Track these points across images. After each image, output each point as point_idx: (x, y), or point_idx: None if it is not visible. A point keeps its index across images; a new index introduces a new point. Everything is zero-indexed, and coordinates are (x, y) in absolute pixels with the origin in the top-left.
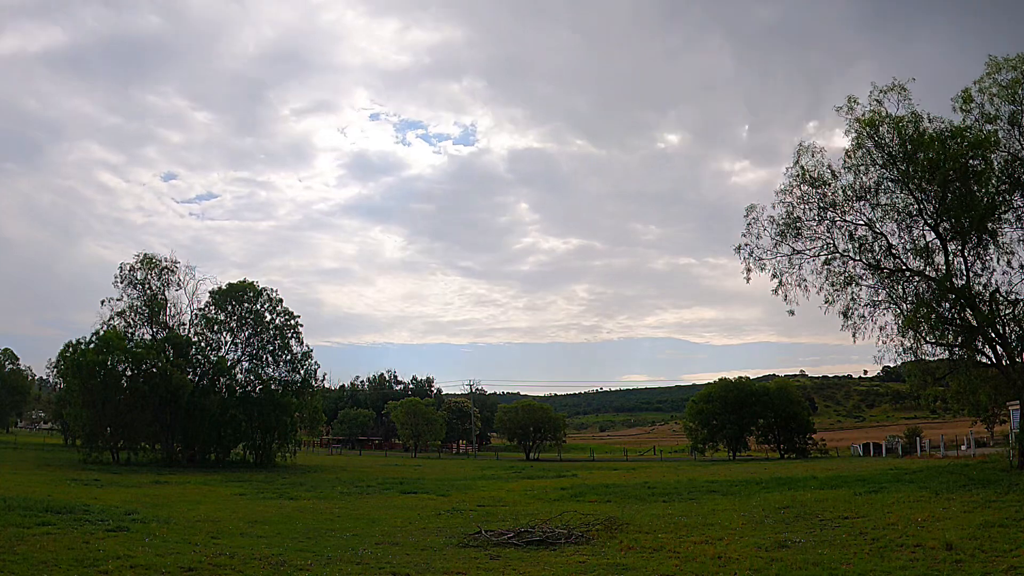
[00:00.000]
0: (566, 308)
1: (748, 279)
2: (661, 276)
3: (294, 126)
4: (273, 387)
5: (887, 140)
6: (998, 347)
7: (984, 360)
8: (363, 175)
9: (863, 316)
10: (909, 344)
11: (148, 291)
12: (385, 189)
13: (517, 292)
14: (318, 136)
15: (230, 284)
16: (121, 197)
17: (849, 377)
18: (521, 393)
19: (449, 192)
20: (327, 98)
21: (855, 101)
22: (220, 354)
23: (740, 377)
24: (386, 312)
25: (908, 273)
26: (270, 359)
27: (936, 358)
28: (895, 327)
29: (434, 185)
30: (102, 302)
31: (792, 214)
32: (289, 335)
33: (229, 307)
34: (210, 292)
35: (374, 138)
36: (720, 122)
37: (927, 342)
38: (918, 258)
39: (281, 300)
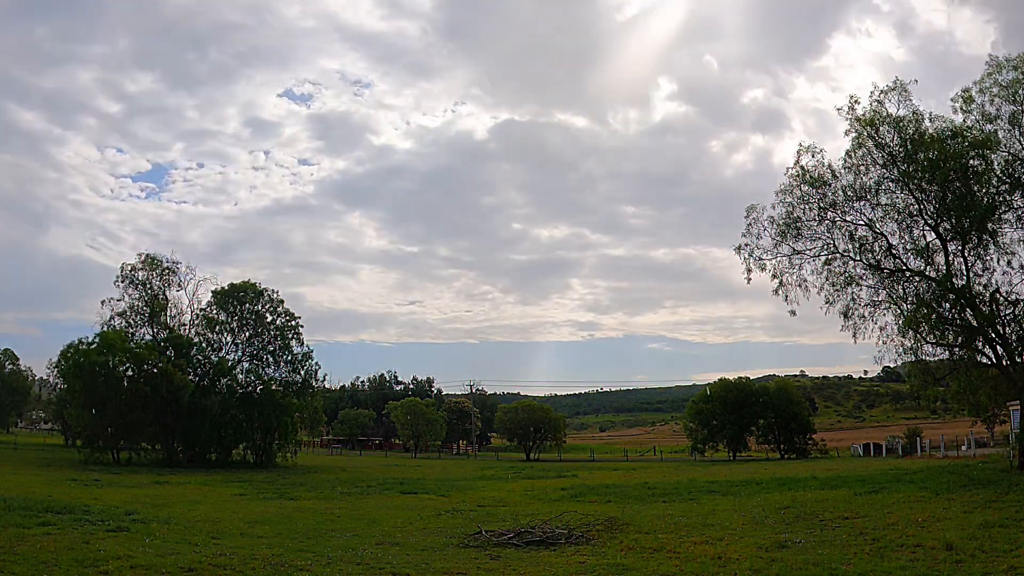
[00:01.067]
0: (560, 303)
1: (749, 279)
2: (659, 271)
3: (247, 92)
4: (274, 387)
5: (887, 140)
6: (998, 347)
7: (984, 360)
8: (331, 148)
9: (863, 316)
10: (909, 344)
11: (149, 291)
12: (355, 163)
13: (507, 286)
14: (273, 103)
15: (231, 284)
16: (72, 175)
17: (849, 377)
18: (521, 393)
19: (428, 169)
20: (281, 57)
21: (856, 101)
22: (221, 355)
23: (740, 377)
24: (371, 308)
25: (908, 273)
26: (271, 359)
27: (936, 358)
28: (895, 327)
29: (411, 158)
30: (103, 302)
31: (792, 214)
32: (290, 335)
33: (230, 308)
34: (211, 292)
35: (336, 103)
36: (726, 82)
37: (927, 342)
38: (918, 258)
39: (283, 301)
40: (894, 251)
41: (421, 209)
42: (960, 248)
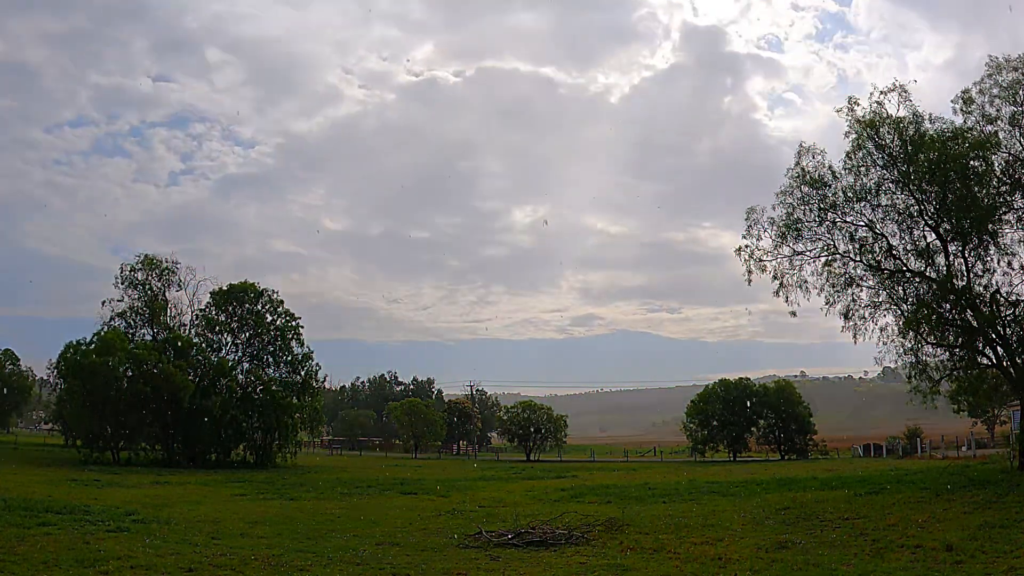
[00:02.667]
0: (554, 296)
1: (749, 281)
2: (658, 269)
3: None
4: (274, 388)
5: (888, 141)
6: (998, 348)
7: (984, 361)
8: (276, 96)
9: (864, 317)
10: (910, 345)
11: (149, 292)
12: (299, 111)
13: (491, 279)
14: (215, 37)
15: (231, 285)
16: None
17: (849, 377)
18: (521, 393)
19: (388, 129)
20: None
21: (856, 102)
22: (221, 355)
23: (740, 377)
24: (349, 303)
25: (909, 274)
26: (271, 360)
27: (936, 359)
28: (896, 328)
29: (369, 116)
30: (103, 303)
31: (792, 215)
32: (290, 336)
33: (230, 308)
34: (211, 293)
35: (285, 47)
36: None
37: (928, 343)
38: (919, 259)
39: (282, 301)
40: (894, 252)
41: (390, 188)
42: (960, 249)
